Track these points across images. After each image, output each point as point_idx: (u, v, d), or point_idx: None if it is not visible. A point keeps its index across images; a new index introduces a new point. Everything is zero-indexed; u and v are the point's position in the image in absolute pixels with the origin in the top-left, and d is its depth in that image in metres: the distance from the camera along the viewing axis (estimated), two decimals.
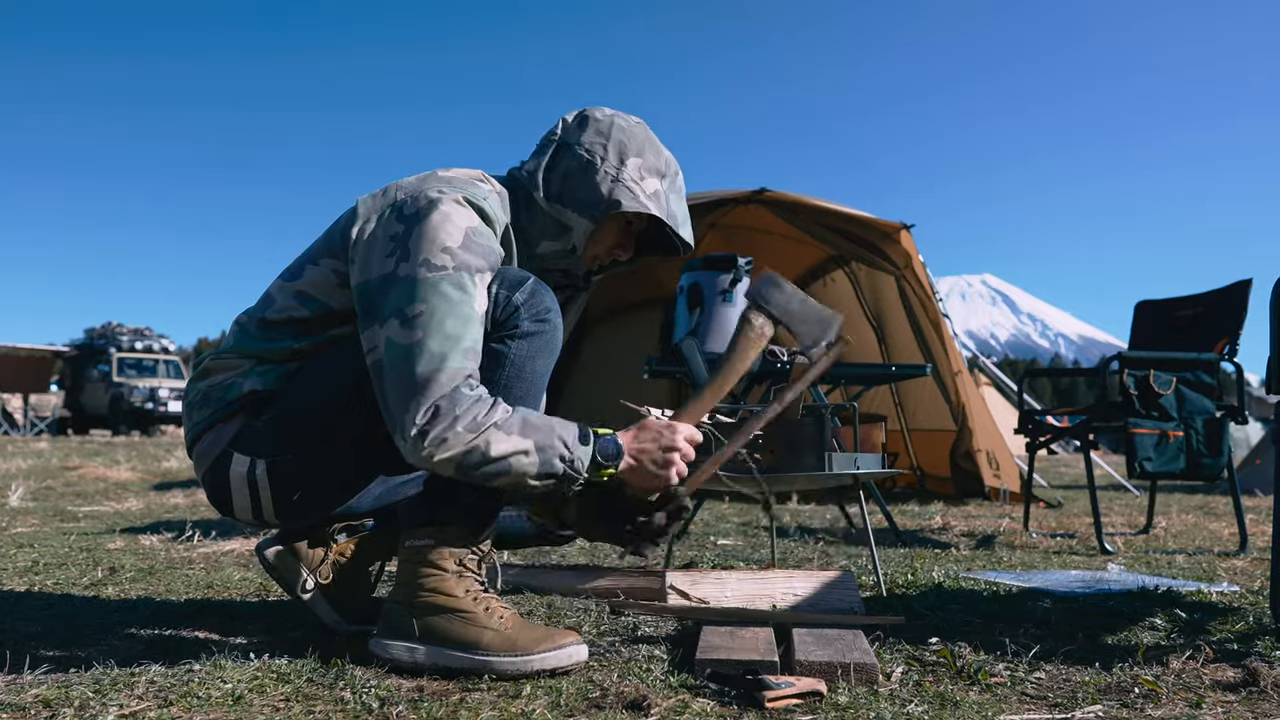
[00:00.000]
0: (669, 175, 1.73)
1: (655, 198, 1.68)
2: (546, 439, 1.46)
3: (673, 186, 1.73)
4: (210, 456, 1.61)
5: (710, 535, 3.72)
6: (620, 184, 1.65)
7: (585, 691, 1.39)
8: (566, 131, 1.71)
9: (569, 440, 1.48)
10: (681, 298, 3.46)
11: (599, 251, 1.74)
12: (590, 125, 1.70)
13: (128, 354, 24.23)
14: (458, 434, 1.41)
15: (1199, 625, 1.94)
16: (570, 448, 1.48)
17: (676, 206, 1.73)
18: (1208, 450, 3.53)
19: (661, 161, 1.72)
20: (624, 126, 1.70)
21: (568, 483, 1.49)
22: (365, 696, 1.34)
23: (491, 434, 1.42)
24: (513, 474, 1.45)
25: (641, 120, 1.74)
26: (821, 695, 1.37)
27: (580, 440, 1.49)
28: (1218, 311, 3.83)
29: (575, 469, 1.48)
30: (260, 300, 1.68)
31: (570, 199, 1.67)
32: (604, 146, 1.67)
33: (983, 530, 4.07)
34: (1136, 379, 3.55)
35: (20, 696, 1.32)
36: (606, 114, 1.72)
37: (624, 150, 1.68)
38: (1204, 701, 1.39)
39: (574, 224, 1.68)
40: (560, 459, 1.47)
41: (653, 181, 1.69)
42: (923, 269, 5.92)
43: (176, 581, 2.40)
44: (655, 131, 1.76)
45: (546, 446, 1.46)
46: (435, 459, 1.42)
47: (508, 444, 1.43)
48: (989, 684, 1.47)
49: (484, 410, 1.43)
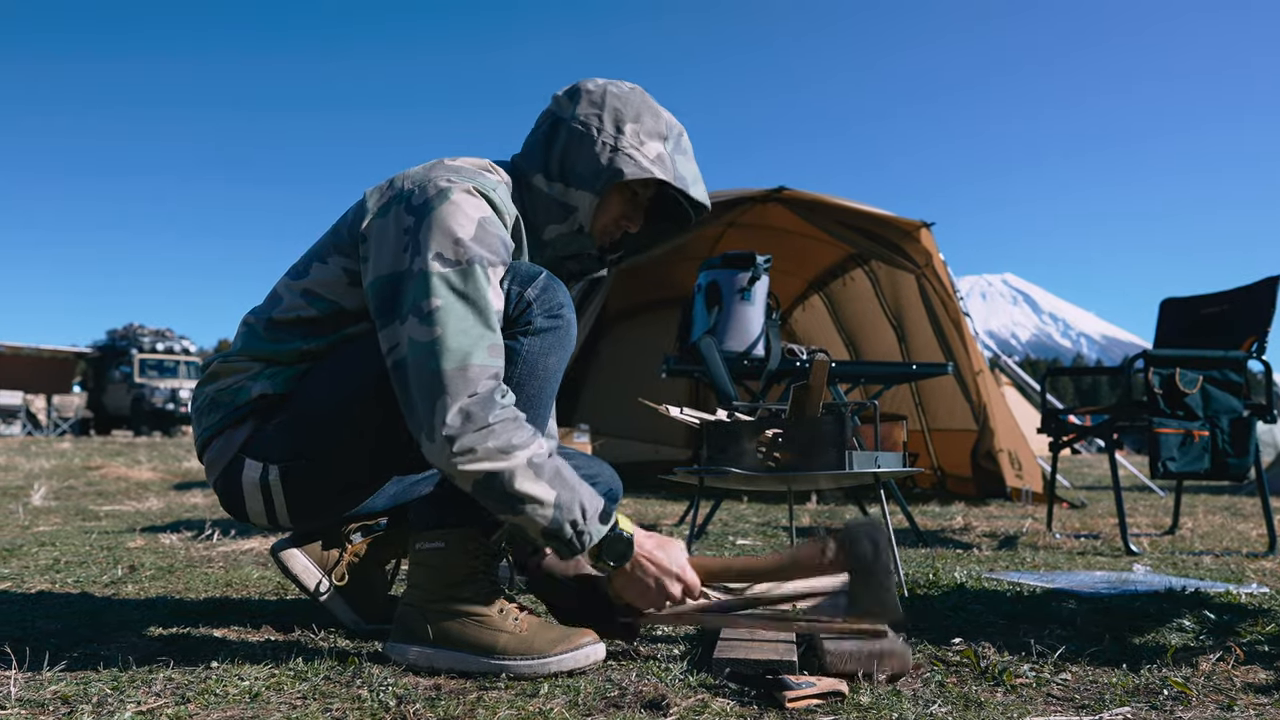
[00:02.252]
0: (671, 137, 1.67)
1: (659, 161, 1.63)
2: (570, 499, 1.42)
3: (678, 148, 1.68)
4: (221, 463, 1.58)
5: (729, 535, 3.70)
6: (620, 152, 1.61)
7: (603, 690, 1.37)
8: (559, 108, 1.66)
9: (590, 513, 1.45)
10: (700, 296, 3.45)
11: (606, 223, 1.69)
12: (583, 97, 1.65)
13: (149, 355, 24.48)
14: (488, 449, 1.37)
15: (1228, 627, 1.91)
16: (588, 521, 1.44)
17: (684, 168, 1.67)
18: (1234, 450, 3.48)
19: (662, 124, 1.66)
20: (618, 93, 1.65)
21: (566, 550, 1.46)
22: (382, 695, 1.33)
23: (520, 469, 1.39)
24: (523, 517, 1.41)
25: (638, 86, 1.69)
26: (843, 695, 1.35)
27: (601, 519, 1.46)
28: (1245, 309, 3.77)
29: (581, 543, 1.45)
30: (267, 299, 1.64)
31: (571, 175, 1.62)
32: (599, 116, 1.62)
33: (1005, 531, 4.03)
34: (1162, 377, 3.50)
35: (40, 693, 1.32)
36: (599, 83, 1.67)
37: (620, 117, 1.62)
38: (1235, 704, 1.36)
39: (578, 202, 1.63)
40: (572, 525, 1.43)
41: (654, 145, 1.64)
42: (943, 267, 5.88)
43: (195, 580, 2.41)
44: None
45: (567, 506, 1.42)
46: (459, 468, 1.38)
47: (532, 487, 1.40)
48: (1014, 685, 1.44)
49: (522, 436, 1.40)
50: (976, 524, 4.26)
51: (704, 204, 1.72)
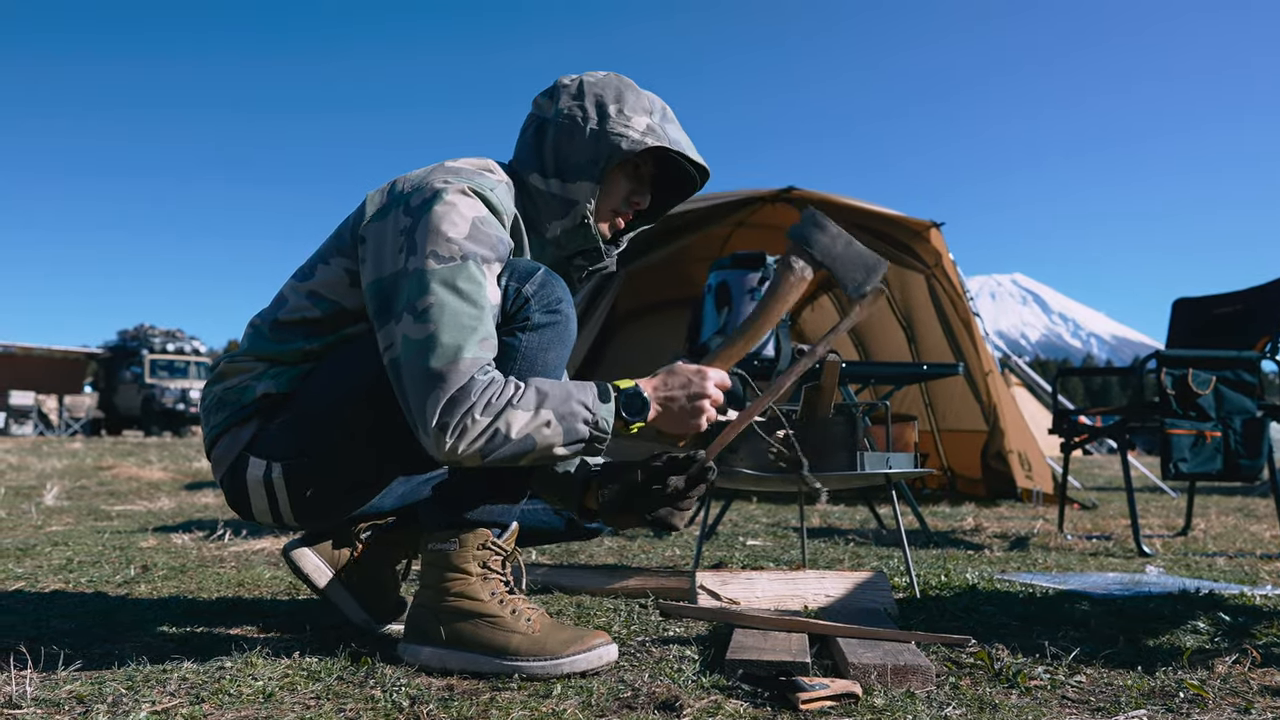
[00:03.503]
0: (656, 110, 1.69)
1: (650, 132, 1.65)
2: (565, 406, 1.44)
3: (665, 118, 1.69)
4: (227, 460, 1.60)
5: (739, 536, 3.70)
6: (608, 134, 1.62)
7: (616, 691, 1.37)
8: (541, 108, 1.69)
9: (589, 402, 1.45)
10: (710, 296, 3.45)
11: (615, 205, 1.70)
12: (562, 93, 1.68)
13: (159, 356, 24.59)
14: (475, 420, 1.38)
15: (1243, 629, 1.90)
16: (592, 409, 1.45)
17: (677, 134, 1.69)
18: (1246, 450, 3.46)
19: (644, 100, 1.68)
20: (594, 81, 1.68)
21: (596, 444, 1.47)
22: (395, 695, 1.33)
23: (509, 413, 1.40)
24: (539, 449, 1.42)
25: (613, 71, 1.71)
26: (857, 697, 1.34)
27: (600, 398, 1.47)
28: (1258, 309, 3.75)
29: (601, 429, 1.46)
30: (273, 301, 1.66)
31: (566, 169, 1.64)
32: (581, 106, 1.65)
33: (1016, 532, 4.02)
34: (1174, 378, 3.48)
35: (55, 692, 1.32)
36: (574, 77, 1.70)
37: (602, 101, 1.65)
38: (1253, 706, 1.35)
39: (578, 195, 1.65)
40: (584, 423, 1.44)
41: (641, 119, 1.65)
42: (953, 267, 5.86)
43: (208, 580, 2.41)
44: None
45: (567, 414, 1.43)
46: (460, 450, 1.39)
47: (527, 419, 1.41)
48: (1028, 687, 1.44)
49: (497, 391, 1.41)
50: (987, 525, 4.24)
51: (704, 166, 1.73)
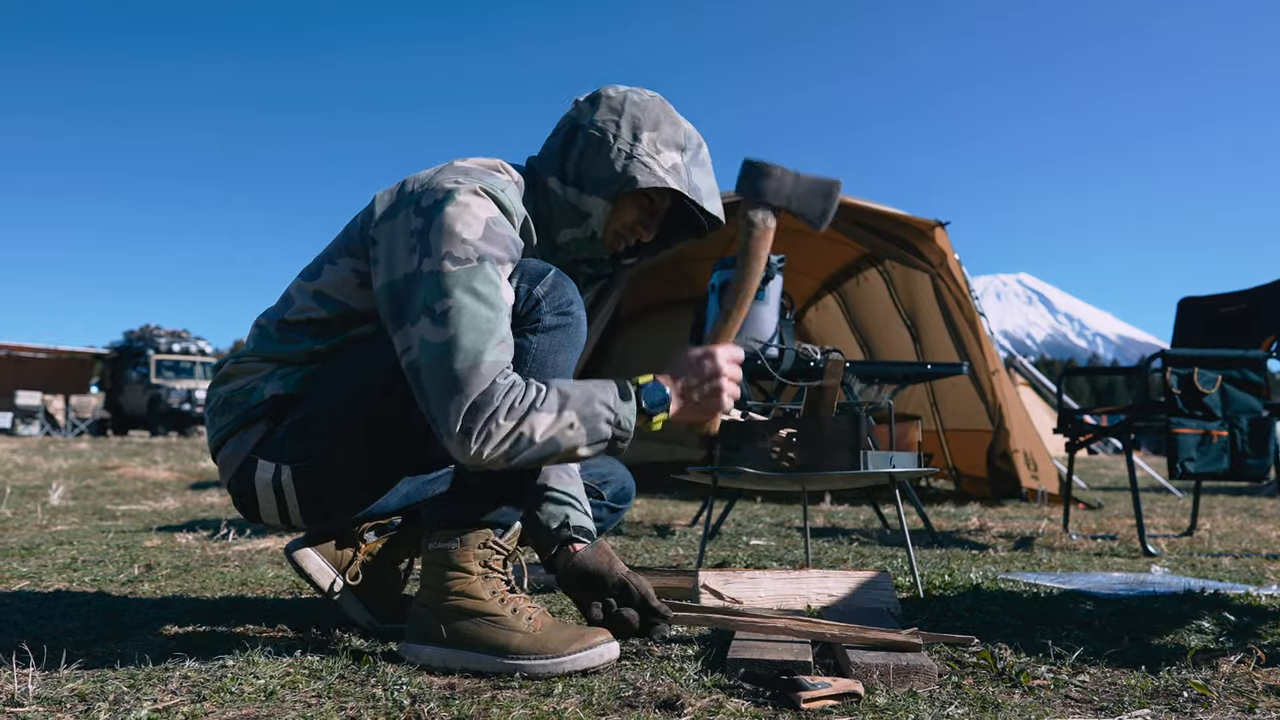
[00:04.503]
0: (690, 148, 1.67)
1: (674, 171, 1.63)
2: (588, 407, 1.43)
3: (695, 159, 1.67)
4: (234, 463, 1.59)
5: (743, 535, 3.69)
6: (635, 160, 1.60)
7: (618, 690, 1.37)
8: (579, 113, 1.66)
9: (610, 401, 1.45)
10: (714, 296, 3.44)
11: (619, 229, 1.68)
12: (603, 103, 1.65)
13: (165, 356, 24.64)
14: (499, 425, 1.38)
15: (1248, 629, 1.89)
16: (614, 408, 1.45)
17: (700, 180, 1.67)
18: (1253, 450, 3.44)
19: (680, 134, 1.66)
20: (638, 101, 1.65)
21: (619, 443, 1.47)
22: (397, 694, 1.33)
23: (533, 417, 1.39)
24: (563, 451, 1.42)
25: (659, 94, 1.68)
26: (859, 697, 1.34)
27: (621, 397, 1.46)
28: (1265, 307, 3.74)
29: (624, 429, 1.46)
30: (280, 301, 1.66)
31: (585, 180, 1.62)
32: (616, 123, 1.62)
33: (1021, 532, 4.00)
34: (1180, 377, 3.46)
35: (57, 690, 1.33)
36: (620, 90, 1.66)
37: (638, 124, 1.62)
38: (1257, 706, 1.34)
39: (591, 208, 1.63)
40: (606, 423, 1.44)
41: (671, 155, 1.63)
42: (958, 267, 5.85)
43: (211, 579, 2.42)
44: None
45: (590, 415, 1.43)
46: (485, 455, 1.38)
47: (551, 422, 1.40)
48: (1031, 686, 1.43)
49: (519, 395, 1.40)
50: (992, 525, 4.23)
51: (718, 218, 1.71)
